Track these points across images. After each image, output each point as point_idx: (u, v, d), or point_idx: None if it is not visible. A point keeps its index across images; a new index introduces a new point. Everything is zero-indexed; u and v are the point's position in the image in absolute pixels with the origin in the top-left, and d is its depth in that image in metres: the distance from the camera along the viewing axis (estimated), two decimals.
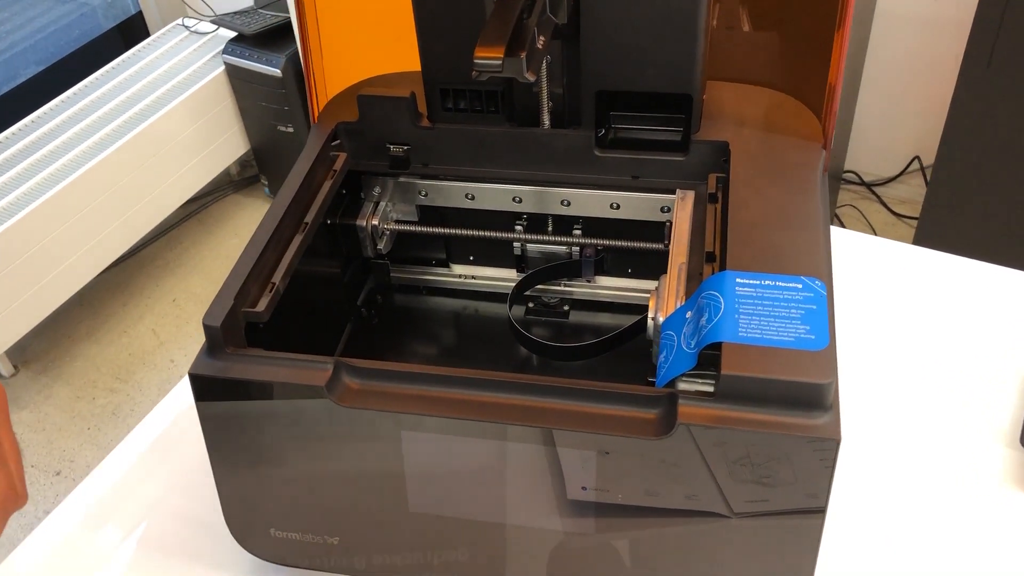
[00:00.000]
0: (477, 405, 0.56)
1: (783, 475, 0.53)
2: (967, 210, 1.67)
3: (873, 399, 0.80)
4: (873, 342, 0.85)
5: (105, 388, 1.99)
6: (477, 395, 0.57)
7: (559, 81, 0.72)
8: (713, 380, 0.55)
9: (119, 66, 2.21)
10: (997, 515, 0.71)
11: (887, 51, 2.01)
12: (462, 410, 0.56)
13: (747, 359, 0.53)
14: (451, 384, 0.57)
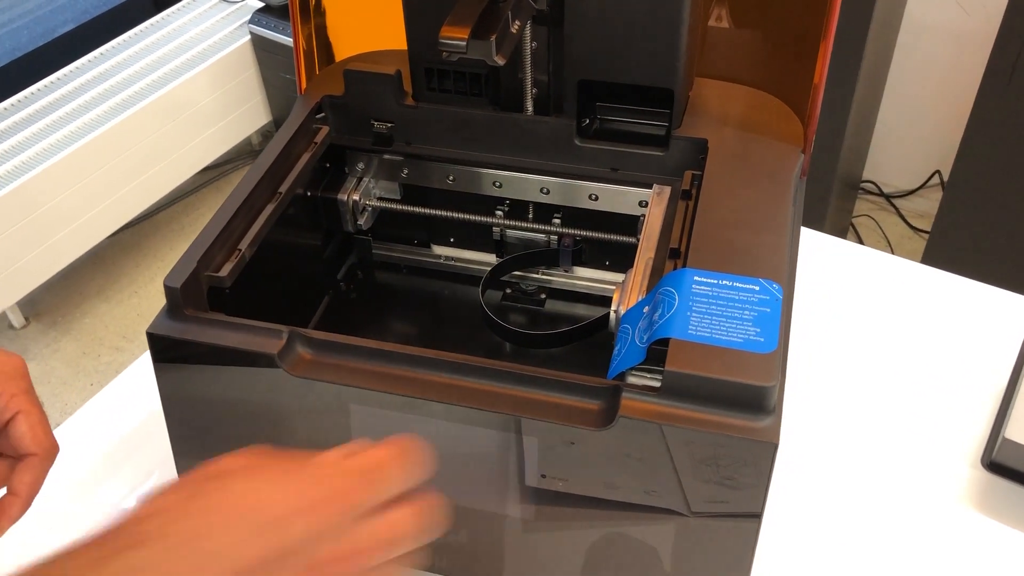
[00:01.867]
0: (425, 384, 0.57)
1: (721, 476, 0.53)
2: (979, 227, 1.64)
3: (845, 411, 0.80)
4: (853, 355, 0.84)
5: (111, 346, 2.02)
6: (426, 374, 0.57)
7: (544, 68, 0.71)
8: (660, 376, 0.55)
9: (147, 29, 2.23)
10: (951, 535, 0.70)
11: (913, 62, 1.99)
12: (409, 387, 0.57)
13: (692, 357, 0.52)
14: (401, 361, 0.58)
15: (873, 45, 1.61)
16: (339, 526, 0.39)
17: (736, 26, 0.77)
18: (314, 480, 0.41)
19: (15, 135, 1.94)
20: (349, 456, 0.42)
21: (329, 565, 0.39)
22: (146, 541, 0.37)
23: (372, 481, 0.42)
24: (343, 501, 0.40)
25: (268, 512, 0.38)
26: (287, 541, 0.38)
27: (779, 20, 0.74)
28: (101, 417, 0.82)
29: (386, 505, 0.42)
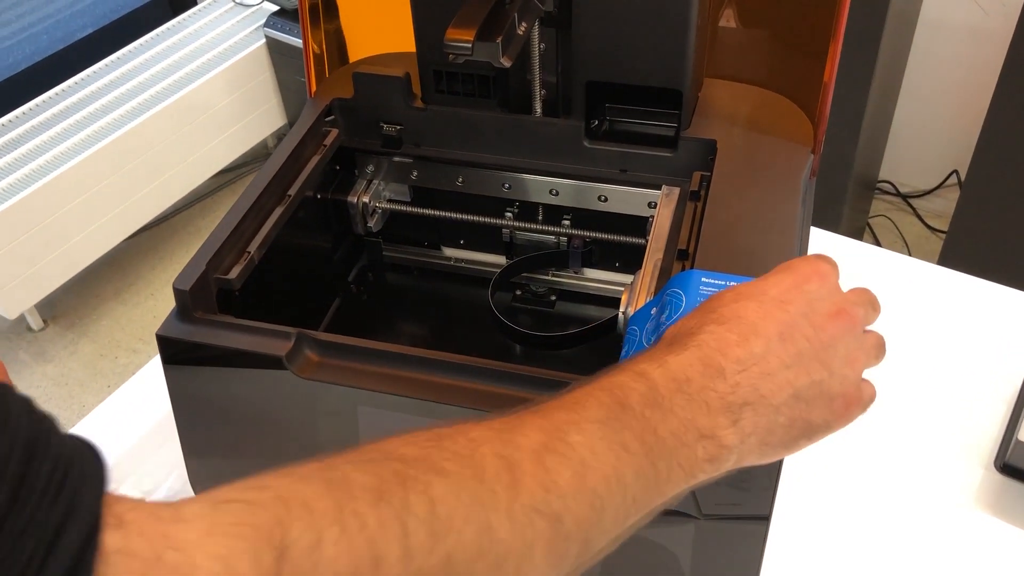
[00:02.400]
0: (432, 386, 0.57)
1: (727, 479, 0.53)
2: (997, 227, 1.63)
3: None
4: None
5: (128, 348, 2.04)
6: (433, 376, 0.57)
7: (553, 69, 0.71)
8: None
9: (164, 33, 2.25)
10: (964, 537, 0.70)
11: (929, 60, 1.97)
12: (417, 390, 0.57)
13: None
14: (409, 364, 0.58)
15: (888, 43, 1.60)
16: (823, 292, 0.45)
17: (745, 26, 0.76)
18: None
19: (34, 138, 1.96)
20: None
21: (828, 322, 0.44)
22: (687, 344, 0.43)
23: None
24: (820, 276, 0.46)
25: (770, 294, 0.45)
26: (791, 310, 0.44)
27: (789, 20, 0.74)
28: (116, 418, 0.83)
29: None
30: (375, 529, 0.32)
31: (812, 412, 0.44)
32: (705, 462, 0.41)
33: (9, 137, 1.97)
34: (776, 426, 0.43)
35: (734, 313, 0.44)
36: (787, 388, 0.43)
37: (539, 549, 0.36)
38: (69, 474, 0.28)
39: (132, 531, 0.28)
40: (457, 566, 0.34)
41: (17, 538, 0.26)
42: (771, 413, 0.42)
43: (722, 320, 0.44)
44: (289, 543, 0.30)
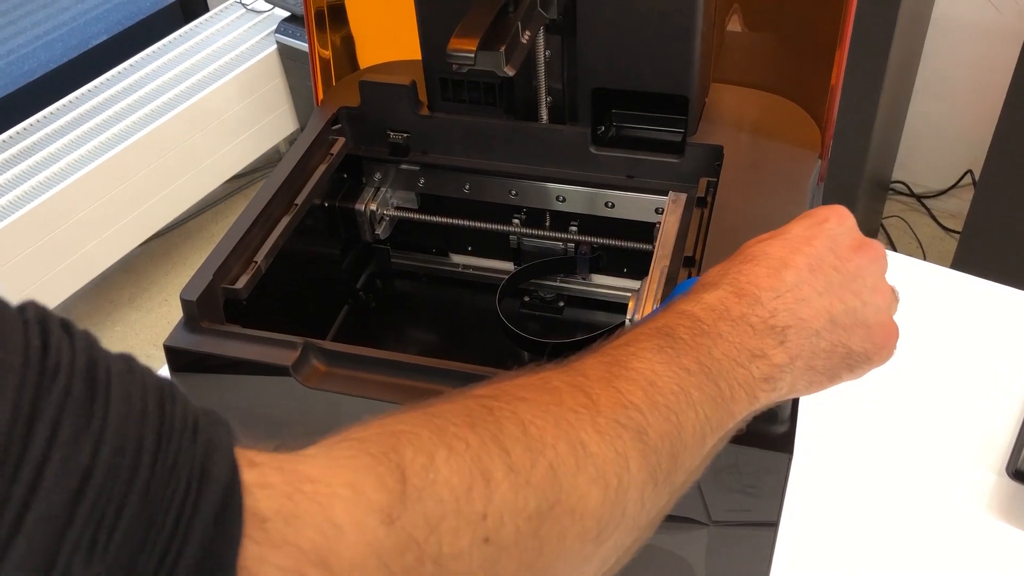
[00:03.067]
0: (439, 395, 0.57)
1: (734, 484, 0.53)
2: (1012, 227, 1.62)
3: (869, 417, 0.79)
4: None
5: (142, 354, 2.02)
6: (440, 385, 0.57)
7: (558, 76, 0.71)
8: None
9: (176, 40, 2.26)
10: (975, 542, 0.69)
11: (942, 60, 1.96)
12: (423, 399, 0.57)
13: None
14: (415, 373, 0.58)
15: (900, 44, 1.59)
16: (843, 228, 0.47)
17: (752, 31, 0.76)
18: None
19: (48, 146, 1.98)
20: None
21: (853, 253, 0.46)
22: (719, 284, 0.45)
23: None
24: (839, 217, 0.48)
25: (792, 232, 0.47)
26: (816, 244, 0.46)
27: (795, 24, 0.74)
28: None
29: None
30: (478, 448, 0.34)
31: (852, 339, 0.45)
32: (762, 381, 0.43)
33: (24, 144, 1.99)
34: (819, 350, 0.44)
35: (761, 251, 0.46)
36: (823, 314, 0.44)
37: (633, 461, 0.38)
38: (199, 417, 0.30)
39: (266, 468, 0.30)
40: (562, 480, 0.35)
41: (170, 472, 0.27)
42: (812, 337, 0.44)
43: (749, 259, 0.46)
44: (405, 465, 0.33)
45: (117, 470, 0.26)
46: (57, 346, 0.28)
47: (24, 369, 0.26)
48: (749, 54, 0.76)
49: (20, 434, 0.25)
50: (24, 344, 0.27)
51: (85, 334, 0.29)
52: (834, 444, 0.76)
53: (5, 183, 1.90)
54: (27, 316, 0.28)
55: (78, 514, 0.25)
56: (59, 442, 0.25)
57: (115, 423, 0.27)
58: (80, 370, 0.27)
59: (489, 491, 0.33)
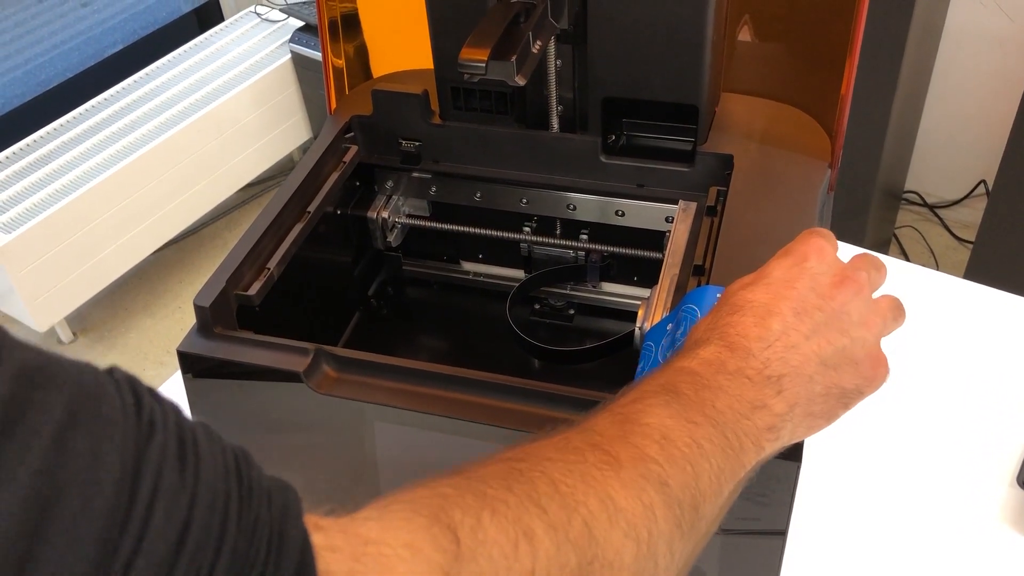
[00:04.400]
0: (449, 402, 0.57)
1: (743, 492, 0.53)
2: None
3: (879, 428, 0.78)
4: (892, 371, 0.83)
5: (155, 361, 2.06)
6: (450, 392, 0.57)
7: (569, 86, 0.72)
8: None
9: (191, 49, 2.28)
10: (986, 553, 0.69)
11: (955, 69, 1.95)
12: (434, 406, 0.57)
13: None
14: (426, 379, 0.58)
15: (912, 53, 1.59)
16: (823, 265, 0.48)
17: (762, 40, 0.76)
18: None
19: (64, 154, 2.00)
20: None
21: (834, 290, 0.47)
22: (709, 339, 0.46)
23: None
24: (818, 252, 0.48)
25: (774, 276, 0.47)
26: (798, 286, 0.47)
27: (806, 34, 0.74)
28: None
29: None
30: (517, 508, 0.36)
31: (843, 378, 0.46)
32: (765, 430, 0.43)
33: (40, 153, 2.01)
34: (815, 395, 0.45)
35: (744, 300, 0.47)
36: (813, 358, 0.45)
37: (659, 512, 0.39)
38: (272, 481, 0.32)
39: (331, 532, 0.32)
40: (597, 535, 0.37)
41: (252, 532, 0.29)
42: (807, 383, 0.45)
43: (735, 309, 0.46)
44: (455, 526, 0.35)
45: (210, 526, 0.28)
46: (150, 406, 0.29)
47: (124, 425, 0.28)
48: (759, 64, 0.76)
49: (128, 485, 0.26)
50: (121, 402, 0.28)
51: (168, 398, 0.31)
52: (843, 453, 0.76)
53: (21, 191, 1.92)
54: (116, 377, 0.30)
55: (179, 564, 0.27)
56: (161, 494, 0.27)
57: (206, 480, 0.29)
58: (172, 428, 0.29)
59: (534, 548, 0.35)
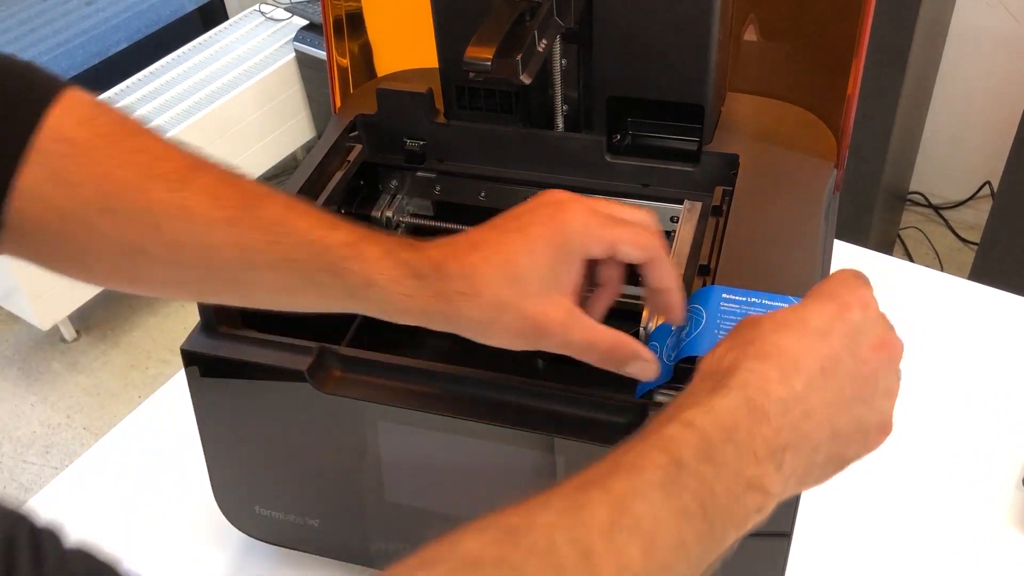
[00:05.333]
0: (452, 401, 0.57)
1: None
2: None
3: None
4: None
5: (159, 359, 2.06)
6: (453, 392, 0.57)
7: (574, 85, 0.72)
8: None
9: (195, 48, 2.28)
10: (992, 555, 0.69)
11: (961, 70, 1.95)
12: (437, 405, 0.57)
13: None
14: (429, 379, 0.58)
15: (918, 53, 1.59)
16: (865, 322, 0.45)
17: (769, 40, 0.76)
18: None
19: None
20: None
21: (872, 354, 0.44)
22: (730, 386, 0.42)
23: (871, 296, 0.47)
24: (862, 305, 0.45)
25: (811, 324, 0.44)
26: (833, 343, 0.44)
27: (812, 34, 0.74)
28: (146, 428, 0.84)
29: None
30: None
31: (849, 448, 0.44)
32: (754, 512, 0.42)
33: None
34: (814, 465, 0.43)
35: (775, 346, 0.43)
36: (826, 426, 0.43)
37: None
38: None
39: None
40: None
41: None
42: (810, 452, 0.43)
43: (762, 355, 0.43)
44: None
45: None
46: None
47: None
48: (765, 63, 0.76)
49: None
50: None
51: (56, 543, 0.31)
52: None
53: None
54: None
55: None
56: None
57: None
58: None
59: None
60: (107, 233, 0.48)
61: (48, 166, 0.47)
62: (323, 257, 0.49)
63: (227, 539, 0.72)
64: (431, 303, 0.49)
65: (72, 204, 0.48)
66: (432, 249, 0.49)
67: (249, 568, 0.71)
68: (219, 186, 0.49)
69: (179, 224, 0.48)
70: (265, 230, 0.49)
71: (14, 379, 2.05)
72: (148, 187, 0.48)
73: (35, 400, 2.00)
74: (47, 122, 0.47)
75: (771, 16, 0.74)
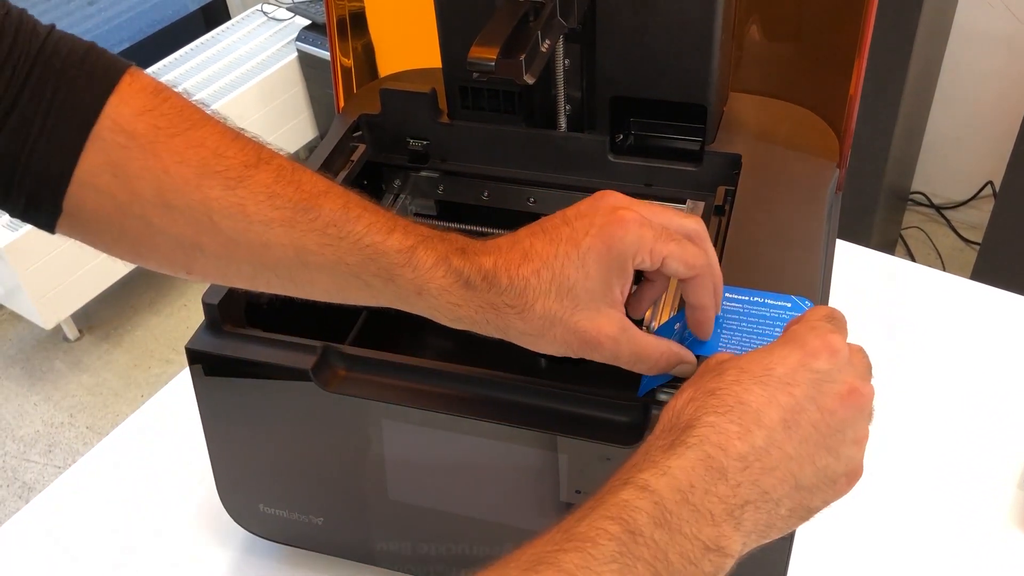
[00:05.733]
0: (456, 400, 0.57)
1: None
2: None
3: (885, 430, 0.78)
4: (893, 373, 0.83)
5: (161, 359, 2.06)
6: (457, 390, 0.58)
7: (577, 85, 0.72)
8: None
9: (197, 47, 2.28)
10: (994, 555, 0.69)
11: (963, 70, 1.95)
12: (441, 404, 0.57)
13: None
14: (433, 378, 0.58)
15: (920, 54, 1.59)
16: (832, 370, 0.44)
17: (771, 40, 0.76)
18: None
19: None
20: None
21: (839, 404, 0.43)
22: (687, 443, 0.42)
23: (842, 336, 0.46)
24: (830, 352, 0.44)
25: (775, 374, 0.43)
26: (797, 393, 0.43)
27: (814, 34, 0.74)
28: (149, 427, 0.84)
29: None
30: None
31: (814, 499, 0.43)
32: (712, 574, 0.41)
33: None
34: (777, 518, 0.42)
35: (735, 398, 0.43)
36: (789, 480, 0.42)
37: None
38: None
39: None
40: None
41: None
42: (772, 507, 0.42)
43: (722, 408, 0.42)
44: None
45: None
46: None
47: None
48: (767, 63, 0.76)
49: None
50: None
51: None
52: None
53: None
54: None
55: None
56: None
57: None
58: None
59: None
60: (163, 228, 0.48)
61: (107, 157, 0.47)
62: (377, 262, 0.49)
63: (231, 537, 0.72)
64: (481, 313, 0.49)
65: (129, 196, 0.48)
66: (484, 256, 0.49)
67: (253, 566, 0.71)
68: (276, 184, 0.49)
69: (235, 223, 0.48)
70: (321, 232, 0.49)
71: (17, 378, 2.05)
72: (205, 184, 0.48)
73: (38, 399, 2.01)
74: (106, 111, 0.47)
75: (773, 16, 0.74)
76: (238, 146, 0.50)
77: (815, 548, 0.68)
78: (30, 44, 0.46)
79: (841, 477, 0.44)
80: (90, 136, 0.46)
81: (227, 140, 0.50)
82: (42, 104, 0.46)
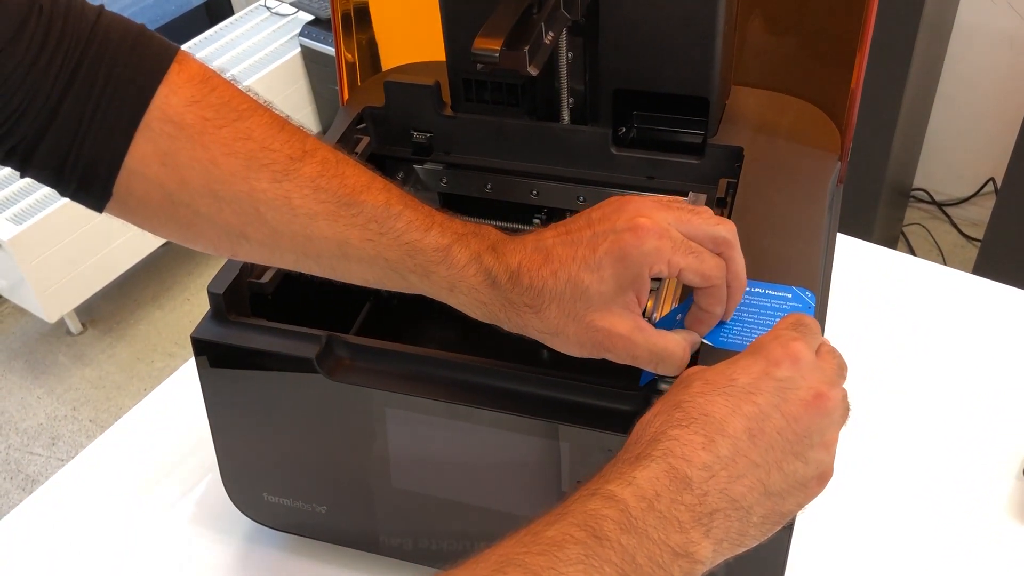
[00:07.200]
0: (460, 389, 0.58)
1: None
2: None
3: (886, 422, 0.79)
4: (894, 365, 0.83)
5: (164, 352, 2.07)
6: (461, 379, 0.58)
7: (580, 78, 0.72)
8: None
9: (201, 43, 2.29)
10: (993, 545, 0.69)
11: (965, 67, 1.95)
12: (445, 393, 0.58)
13: None
14: (437, 367, 0.59)
15: (922, 50, 1.59)
16: (795, 377, 0.44)
17: (773, 34, 0.77)
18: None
19: None
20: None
21: (803, 410, 0.43)
22: (652, 455, 0.42)
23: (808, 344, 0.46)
24: (792, 359, 0.45)
25: (738, 384, 0.44)
26: (760, 402, 0.43)
27: (816, 27, 0.74)
28: (152, 421, 0.85)
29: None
30: None
31: (786, 504, 0.44)
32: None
33: None
34: (749, 526, 0.43)
35: (699, 410, 0.43)
36: (757, 487, 0.42)
37: None
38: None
39: None
40: None
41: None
42: (743, 515, 0.42)
43: (687, 420, 0.43)
44: None
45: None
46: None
47: None
48: (770, 57, 0.77)
49: None
50: None
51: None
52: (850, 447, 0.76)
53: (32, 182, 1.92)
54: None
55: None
56: None
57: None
58: None
59: None
60: (210, 216, 0.50)
61: (156, 147, 0.48)
62: (414, 259, 0.51)
63: (235, 526, 0.73)
64: (503, 310, 0.52)
65: (177, 186, 0.49)
66: (512, 255, 0.51)
67: (257, 554, 0.72)
68: (321, 178, 0.50)
69: (281, 215, 0.50)
70: (362, 227, 0.51)
71: (20, 371, 2.06)
72: (252, 176, 0.49)
73: (41, 392, 2.01)
74: (155, 102, 0.47)
75: (775, 10, 0.75)
76: (284, 138, 0.50)
77: (815, 540, 0.69)
78: (80, 29, 0.47)
79: (811, 480, 0.44)
80: (140, 126, 0.47)
81: (273, 131, 0.50)
82: (93, 92, 0.47)
